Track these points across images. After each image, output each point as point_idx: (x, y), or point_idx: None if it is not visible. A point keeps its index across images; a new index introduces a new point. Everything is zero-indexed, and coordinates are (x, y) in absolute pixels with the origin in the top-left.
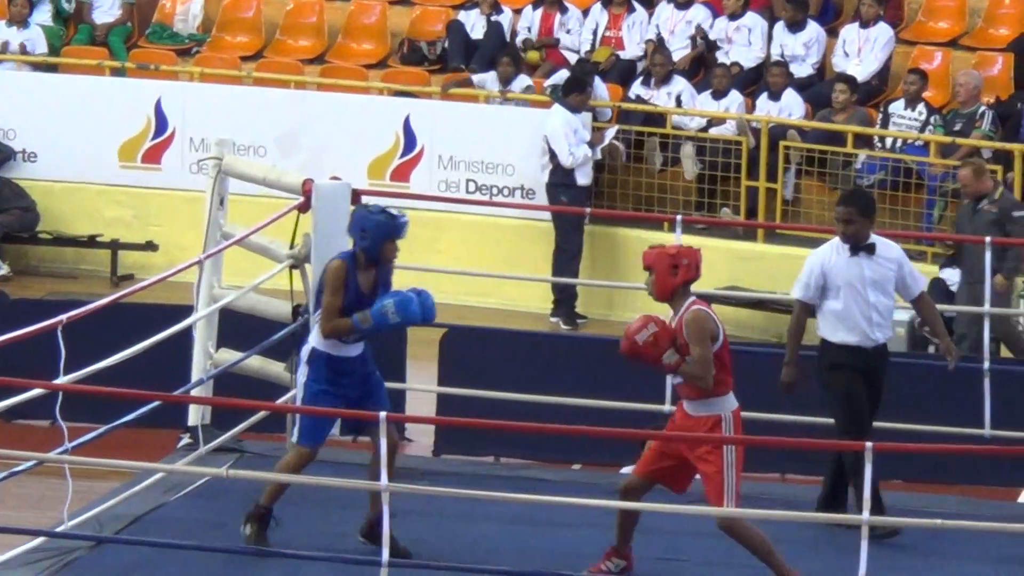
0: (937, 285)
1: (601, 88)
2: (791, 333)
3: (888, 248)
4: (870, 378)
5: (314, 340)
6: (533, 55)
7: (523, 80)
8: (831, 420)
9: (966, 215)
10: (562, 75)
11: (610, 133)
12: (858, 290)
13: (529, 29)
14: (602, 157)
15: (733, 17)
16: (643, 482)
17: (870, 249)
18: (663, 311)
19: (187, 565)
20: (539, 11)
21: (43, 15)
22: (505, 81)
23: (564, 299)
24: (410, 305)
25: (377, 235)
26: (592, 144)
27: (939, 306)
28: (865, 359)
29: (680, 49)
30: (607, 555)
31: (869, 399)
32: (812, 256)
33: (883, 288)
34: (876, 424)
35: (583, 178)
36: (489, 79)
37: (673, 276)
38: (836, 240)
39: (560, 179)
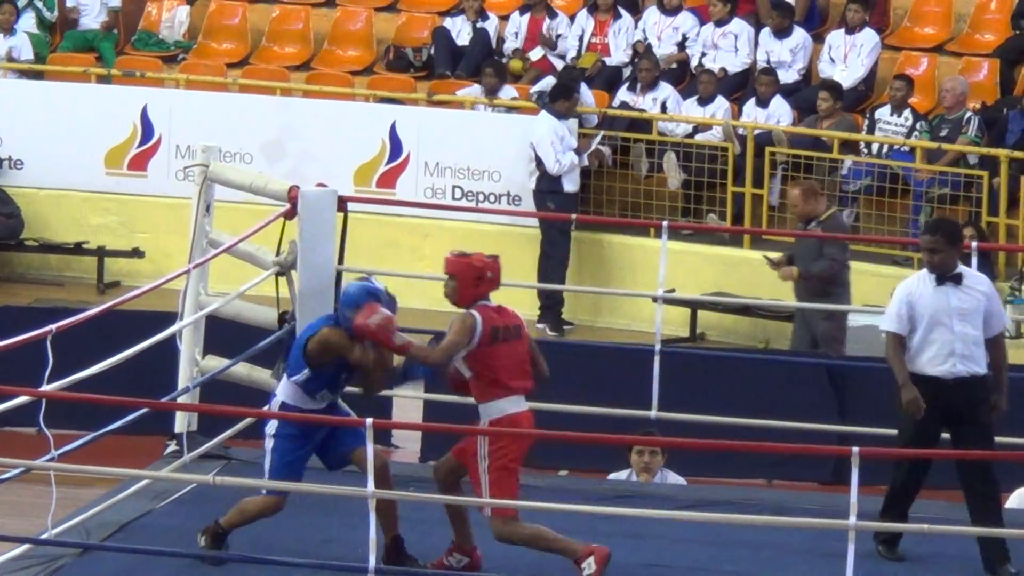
0: None
1: (587, 94)
2: (898, 362)
3: (978, 280)
4: (947, 412)
5: (283, 394)
6: (516, 64)
7: (508, 91)
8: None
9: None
10: (548, 82)
11: (596, 140)
12: (943, 322)
13: (516, 35)
14: (588, 163)
15: (719, 23)
16: (456, 462)
17: (957, 279)
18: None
19: (173, 572)
20: (527, 16)
21: (28, 22)
22: (490, 92)
23: (550, 305)
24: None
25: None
26: (579, 151)
27: None
28: (940, 391)
29: (667, 55)
30: (449, 551)
31: (937, 434)
32: (900, 288)
33: (970, 319)
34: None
35: (570, 185)
36: (474, 93)
37: (476, 287)
38: (923, 271)
39: (547, 186)
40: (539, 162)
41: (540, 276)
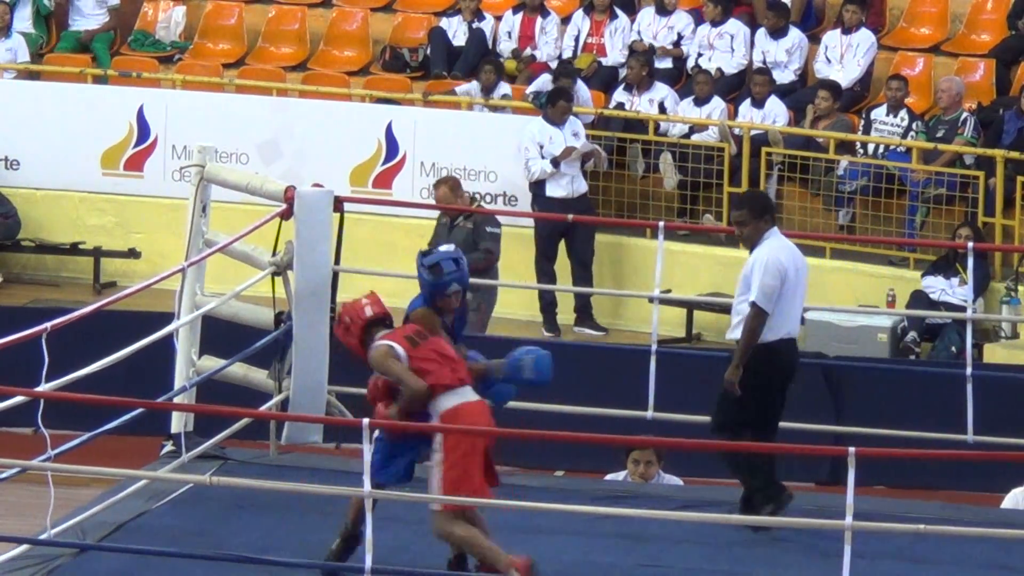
0: (919, 294)
1: (583, 91)
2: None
3: (757, 250)
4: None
5: None
6: (511, 64)
7: (502, 88)
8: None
9: (443, 231)
10: (542, 80)
11: (586, 146)
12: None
13: (510, 34)
14: (583, 163)
15: (715, 24)
16: None
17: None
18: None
19: (170, 572)
20: (519, 16)
21: (23, 22)
22: (487, 89)
23: (544, 307)
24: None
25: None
26: (555, 161)
27: (921, 312)
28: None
29: (661, 56)
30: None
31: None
32: (777, 264)
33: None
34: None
35: (555, 190)
36: (472, 88)
37: (350, 337)
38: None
39: (533, 189)
40: None
41: (536, 277)
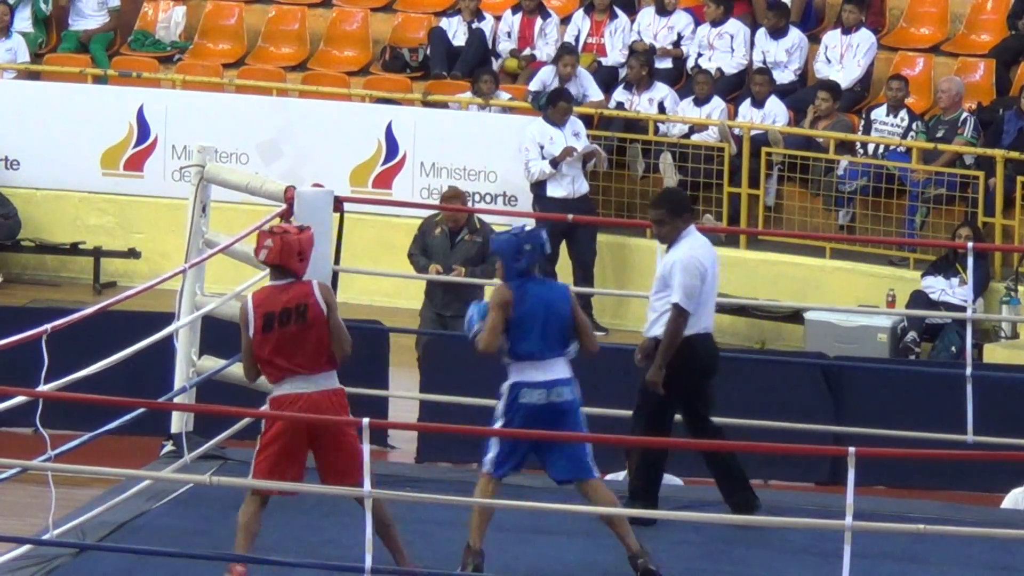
0: (919, 294)
1: (592, 86)
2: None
3: (675, 250)
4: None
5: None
6: (511, 63)
7: (501, 96)
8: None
9: (442, 244)
10: (544, 74)
11: (587, 146)
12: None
13: (509, 34)
14: (584, 164)
15: (715, 24)
16: None
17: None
18: None
19: (170, 572)
20: (519, 16)
21: (23, 22)
22: (484, 97)
23: None
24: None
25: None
26: (555, 161)
27: (921, 312)
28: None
29: (661, 56)
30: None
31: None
32: (696, 264)
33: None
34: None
35: (555, 190)
36: (466, 96)
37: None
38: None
39: (533, 190)
40: None
41: None
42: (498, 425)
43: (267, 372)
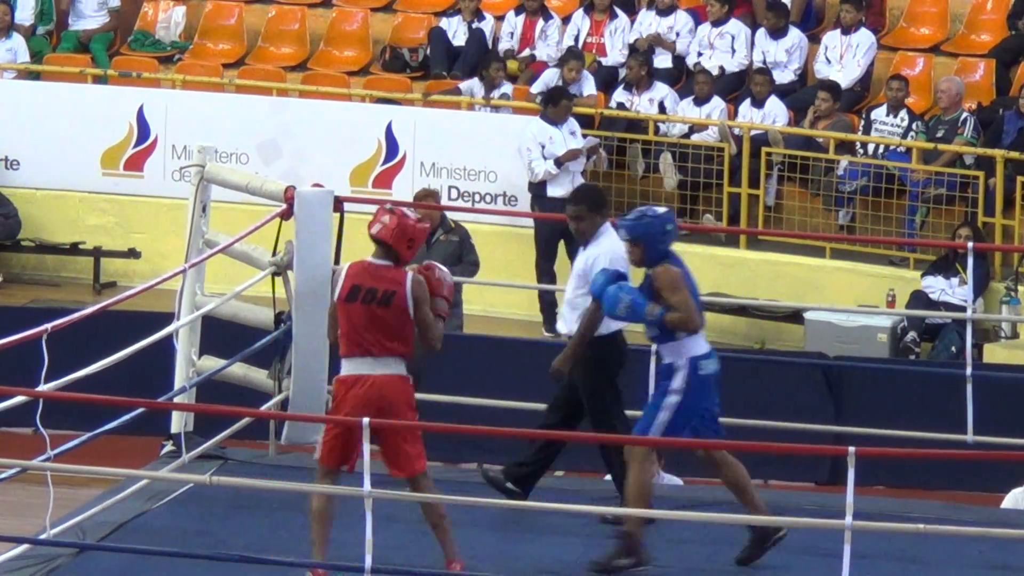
0: (919, 294)
1: (588, 81)
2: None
3: (595, 245)
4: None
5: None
6: (513, 64)
7: (504, 87)
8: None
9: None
10: (549, 76)
11: (590, 143)
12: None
13: (512, 35)
14: (585, 166)
15: (716, 23)
16: None
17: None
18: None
19: (170, 572)
20: (521, 17)
21: (24, 23)
22: (491, 87)
23: (544, 307)
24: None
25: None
26: (559, 161)
27: (921, 312)
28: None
29: (661, 55)
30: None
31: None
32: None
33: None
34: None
35: (556, 190)
36: (474, 86)
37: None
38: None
39: (534, 190)
40: None
41: (537, 278)
42: (672, 400)
43: (341, 343)
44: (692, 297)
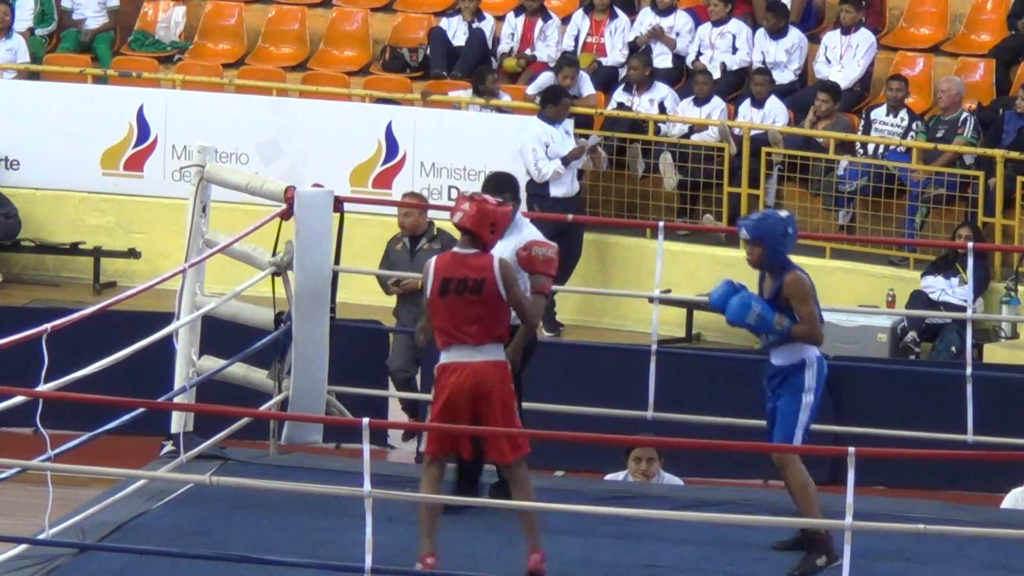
0: (919, 294)
1: (585, 82)
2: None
3: (518, 233)
4: None
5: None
6: (510, 63)
7: (502, 97)
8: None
9: (402, 255)
10: (544, 80)
11: (593, 140)
12: None
13: (512, 36)
14: (584, 165)
15: (718, 23)
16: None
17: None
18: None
19: (170, 572)
20: (521, 18)
21: (24, 24)
22: (490, 96)
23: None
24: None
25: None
26: (567, 160)
27: (921, 312)
28: None
29: (661, 55)
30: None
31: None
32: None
33: None
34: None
35: (559, 189)
36: (467, 94)
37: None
38: None
39: (534, 190)
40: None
41: None
42: (808, 399)
43: (437, 337)
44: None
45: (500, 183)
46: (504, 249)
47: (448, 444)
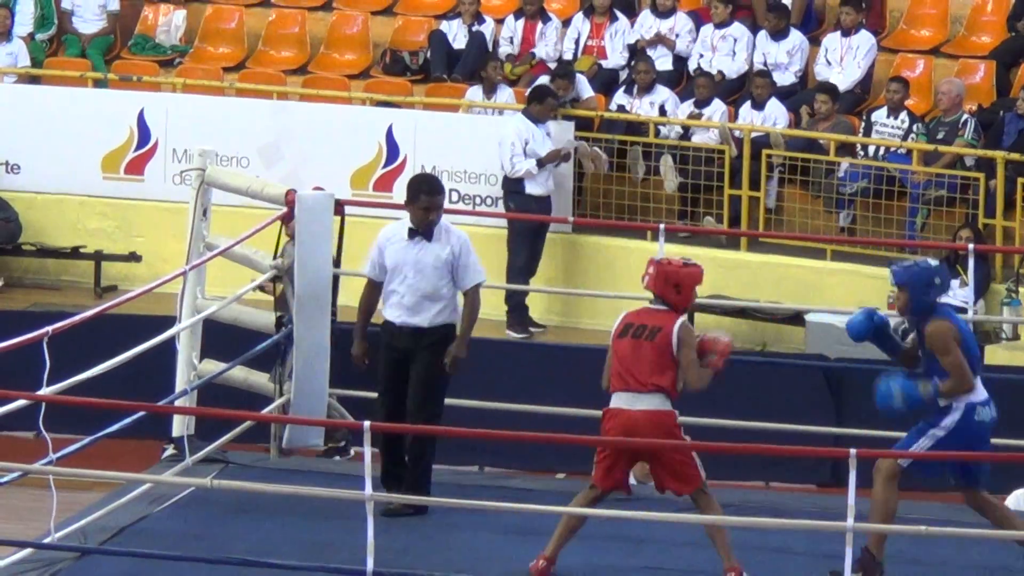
0: None
1: (583, 85)
2: (360, 311)
3: (450, 236)
4: (400, 357)
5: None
6: (519, 69)
7: (504, 91)
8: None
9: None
10: (543, 81)
11: (576, 146)
12: (404, 272)
13: (512, 40)
14: (585, 167)
15: (719, 26)
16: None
17: (429, 235)
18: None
19: None
20: (521, 21)
21: (25, 28)
22: (491, 88)
23: (513, 308)
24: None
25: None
26: (543, 162)
27: None
28: (392, 336)
29: (662, 57)
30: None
31: (400, 379)
32: (379, 234)
33: (426, 273)
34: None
35: (536, 188)
36: (477, 94)
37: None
38: (402, 222)
39: (508, 186)
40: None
41: (507, 277)
42: (938, 435)
43: (611, 380)
44: (967, 348)
45: (411, 186)
46: (440, 251)
47: (614, 479)
